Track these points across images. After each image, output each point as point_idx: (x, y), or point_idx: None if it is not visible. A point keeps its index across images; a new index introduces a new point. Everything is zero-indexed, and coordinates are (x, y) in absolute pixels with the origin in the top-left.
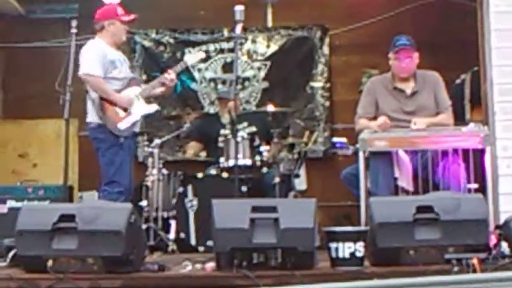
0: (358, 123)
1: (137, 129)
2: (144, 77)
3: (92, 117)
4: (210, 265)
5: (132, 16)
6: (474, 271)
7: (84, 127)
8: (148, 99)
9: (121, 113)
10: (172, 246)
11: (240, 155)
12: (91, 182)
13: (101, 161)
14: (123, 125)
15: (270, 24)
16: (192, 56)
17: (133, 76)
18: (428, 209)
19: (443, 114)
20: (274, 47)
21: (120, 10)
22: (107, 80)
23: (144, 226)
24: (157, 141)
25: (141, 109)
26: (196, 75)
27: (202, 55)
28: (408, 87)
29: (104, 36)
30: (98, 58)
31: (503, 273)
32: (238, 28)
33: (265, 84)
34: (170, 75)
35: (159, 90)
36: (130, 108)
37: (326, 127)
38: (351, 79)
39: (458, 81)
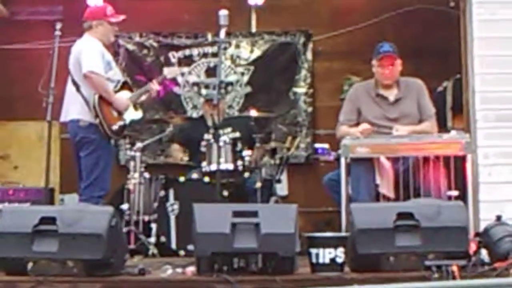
0: (339, 130)
1: (124, 133)
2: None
3: (82, 115)
4: (191, 269)
5: (120, 18)
6: (454, 278)
7: (65, 130)
8: (135, 105)
9: (115, 115)
10: (152, 250)
11: (222, 160)
12: (72, 185)
13: (85, 162)
14: (116, 127)
15: (254, 29)
16: (171, 70)
17: (126, 80)
18: (409, 215)
19: (426, 122)
20: (257, 52)
21: (109, 11)
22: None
23: (125, 230)
24: (139, 144)
25: (131, 114)
26: (179, 79)
27: (179, 71)
28: (391, 94)
29: (93, 36)
30: (99, 56)
31: (483, 280)
32: (222, 33)
33: (248, 89)
34: (155, 86)
35: (143, 98)
36: (123, 112)
37: (308, 133)
38: (333, 85)
39: (440, 88)
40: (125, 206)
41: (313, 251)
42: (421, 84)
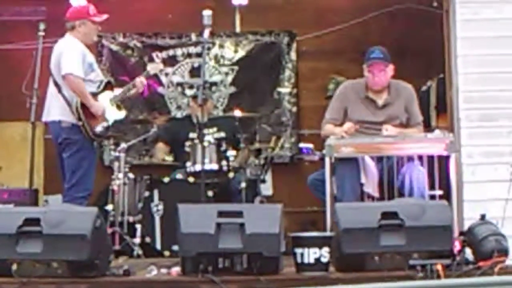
0: (324, 128)
1: (108, 133)
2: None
3: (64, 116)
4: (176, 269)
5: (103, 17)
6: (438, 277)
7: (49, 131)
8: (118, 105)
9: (98, 117)
10: (137, 251)
11: (206, 160)
12: (56, 186)
13: (68, 163)
14: (99, 128)
15: (238, 29)
16: (153, 66)
17: (109, 79)
18: (393, 215)
19: (414, 128)
20: (241, 52)
21: (92, 10)
22: (85, 82)
23: (109, 231)
24: (123, 145)
25: (113, 114)
26: (164, 79)
27: (161, 66)
28: (380, 98)
29: (75, 36)
30: (80, 59)
31: (467, 279)
32: (206, 33)
33: (232, 89)
34: (141, 79)
35: (130, 93)
36: (104, 114)
37: (293, 133)
38: (318, 85)
39: (424, 88)
40: (109, 207)
41: (298, 251)
42: (412, 91)
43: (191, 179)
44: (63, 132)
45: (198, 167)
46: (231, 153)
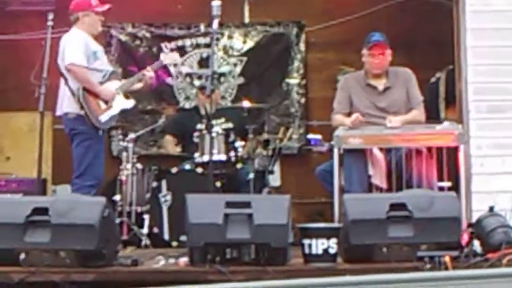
0: (334, 118)
1: (113, 123)
2: (119, 70)
3: (70, 107)
4: (183, 260)
5: (106, 6)
6: (446, 268)
7: (58, 120)
8: (126, 94)
9: (103, 106)
10: (145, 241)
11: (215, 151)
12: (64, 176)
13: (75, 152)
14: (104, 117)
15: (246, 20)
16: (168, 56)
17: (113, 70)
18: (401, 206)
19: (415, 110)
20: (250, 43)
21: (94, 1)
22: (89, 71)
23: (117, 221)
24: (131, 135)
25: (120, 103)
26: (172, 70)
27: (177, 57)
28: (381, 84)
29: (80, 28)
30: (82, 48)
31: (475, 270)
32: (215, 24)
33: (241, 80)
34: (149, 72)
35: (137, 86)
36: (111, 102)
37: (301, 124)
38: (326, 76)
39: (433, 79)
40: (117, 197)
41: (306, 241)
42: (410, 73)
43: (199, 170)
44: (69, 123)
45: (206, 158)
46: (239, 143)
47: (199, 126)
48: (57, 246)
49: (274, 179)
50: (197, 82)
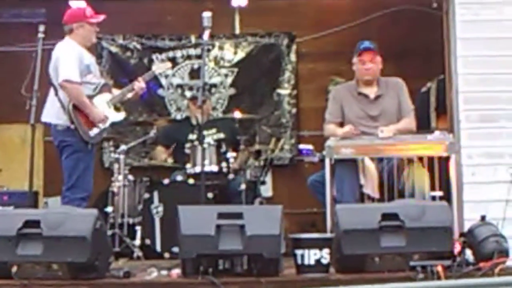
0: (326, 128)
1: (104, 135)
2: (111, 82)
3: (60, 119)
4: (176, 271)
5: (100, 17)
6: (439, 278)
7: (49, 133)
8: (117, 106)
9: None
10: (137, 253)
11: (206, 162)
12: (56, 188)
13: (65, 165)
14: (94, 131)
15: (237, 31)
16: (159, 66)
17: (105, 82)
18: (393, 216)
19: (406, 118)
20: (241, 54)
21: (88, 12)
22: (82, 84)
23: (109, 232)
24: (123, 147)
25: (111, 116)
26: (163, 81)
27: (169, 65)
28: (372, 92)
29: (74, 39)
30: (76, 63)
31: (467, 280)
32: (206, 35)
33: (232, 91)
34: (140, 83)
35: (128, 96)
36: (105, 121)
37: (292, 134)
38: (317, 86)
39: (424, 89)
40: (109, 209)
41: (298, 252)
42: (401, 82)
43: (191, 181)
44: (59, 135)
45: (198, 169)
46: (231, 154)
47: (190, 137)
48: (50, 258)
49: (266, 190)
50: (188, 93)
